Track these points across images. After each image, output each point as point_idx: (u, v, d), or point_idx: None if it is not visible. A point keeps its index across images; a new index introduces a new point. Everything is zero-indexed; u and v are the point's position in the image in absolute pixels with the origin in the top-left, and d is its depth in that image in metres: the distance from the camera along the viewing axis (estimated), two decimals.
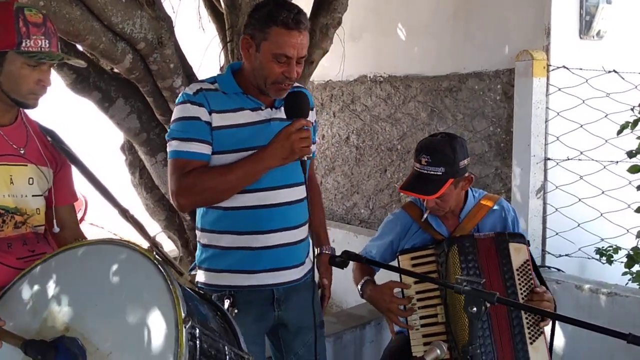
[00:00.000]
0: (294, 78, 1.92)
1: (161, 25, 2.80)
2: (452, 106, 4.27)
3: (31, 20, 1.66)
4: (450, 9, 4.22)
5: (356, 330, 3.21)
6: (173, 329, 1.37)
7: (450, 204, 2.34)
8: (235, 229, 2.01)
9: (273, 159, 1.87)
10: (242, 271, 2.02)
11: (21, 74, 1.68)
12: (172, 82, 2.95)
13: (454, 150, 2.26)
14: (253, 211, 1.99)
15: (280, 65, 1.89)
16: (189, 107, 1.93)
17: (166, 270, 1.47)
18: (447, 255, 2.25)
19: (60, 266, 1.60)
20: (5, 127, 1.76)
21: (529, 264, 2.25)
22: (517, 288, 2.22)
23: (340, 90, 5.18)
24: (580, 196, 3.63)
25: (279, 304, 2.09)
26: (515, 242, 2.27)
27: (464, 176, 2.32)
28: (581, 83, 3.58)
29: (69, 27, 2.40)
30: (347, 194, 5.25)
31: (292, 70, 1.90)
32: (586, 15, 3.77)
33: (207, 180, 1.89)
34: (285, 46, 1.86)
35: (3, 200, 1.71)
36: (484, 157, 4.07)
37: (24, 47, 1.65)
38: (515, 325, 2.21)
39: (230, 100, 1.97)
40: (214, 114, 1.93)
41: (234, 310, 1.96)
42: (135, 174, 3.82)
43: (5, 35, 1.64)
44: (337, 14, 3.33)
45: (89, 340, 1.43)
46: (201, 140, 1.92)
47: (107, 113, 3.28)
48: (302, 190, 2.07)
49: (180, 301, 1.40)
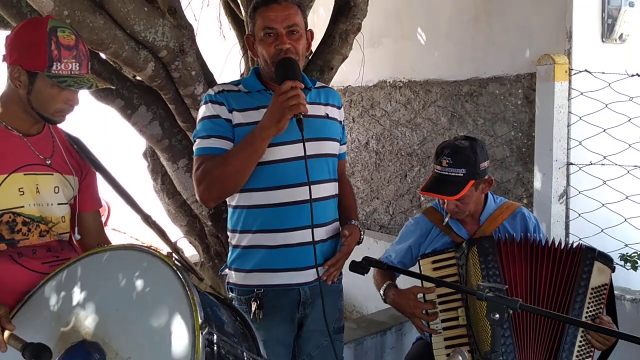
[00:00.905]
0: (286, 49, 1.92)
1: (183, 33, 2.83)
2: (473, 111, 4.25)
3: (64, 43, 1.69)
4: (471, 13, 4.21)
5: (377, 337, 3.20)
6: (190, 334, 1.37)
7: (470, 206, 2.33)
8: (262, 227, 2.00)
9: (267, 127, 1.84)
10: (269, 270, 2.01)
11: (50, 93, 1.71)
12: (194, 89, 2.97)
13: (475, 152, 2.27)
14: (279, 209, 1.98)
15: (270, 41, 1.93)
16: (210, 107, 1.98)
17: (184, 276, 1.48)
18: (467, 257, 2.24)
19: (83, 271, 1.62)
20: (32, 137, 1.79)
21: (606, 288, 2.19)
22: (584, 305, 2.16)
23: (360, 95, 5.18)
24: (604, 201, 3.58)
25: (305, 306, 2.07)
26: (600, 262, 2.20)
27: (484, 178, 2.33)
28: (604, 87, 3.54)
29: (92, 36, 2.44)
30: (366, 199, 5.24)
31: (282, 39, 1.92)
32: (608, 19, 3.73)
33: (216, 166, 1.90)
34: (267, 20, 1.92)
35: (29, 209, 1.74)
36: (505, 162, 4.04)
37: (55, 70, 1.68)
38: (566, 339, 2.15)
39: (252, 99, 2.00)
40: (234, 112, 1.96)
41: (261, 313, 1.99)
42: (157, 180, 3.86)
43: (38, 57, 1.67)
44: (356, 20, 3.33)
45: (109, 344, 1.44)
46: (220, 136, 1.95)
47: (130, 120, 3.32)
48: (328, 188, 2.06)
49: (198, 307, 1.40)
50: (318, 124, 2.05)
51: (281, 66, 1.90)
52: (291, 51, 1.93)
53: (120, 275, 1.56)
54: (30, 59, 1.68)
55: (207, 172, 1.92)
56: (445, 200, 2.31)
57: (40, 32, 1.67)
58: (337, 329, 2.20)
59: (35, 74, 1.69)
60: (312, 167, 1.94)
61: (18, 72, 1.69)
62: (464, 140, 2.33)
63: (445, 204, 2.33)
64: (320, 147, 2.03)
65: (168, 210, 3.89)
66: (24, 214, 1.73)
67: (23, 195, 1.73)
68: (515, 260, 2.22)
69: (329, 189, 2.08)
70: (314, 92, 2.13)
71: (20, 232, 1.73)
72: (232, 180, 1.92)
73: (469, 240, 2.30)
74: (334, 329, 2.16)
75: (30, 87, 1.70)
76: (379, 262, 2.03)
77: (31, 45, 1.67)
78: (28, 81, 1.70)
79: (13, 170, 1.72)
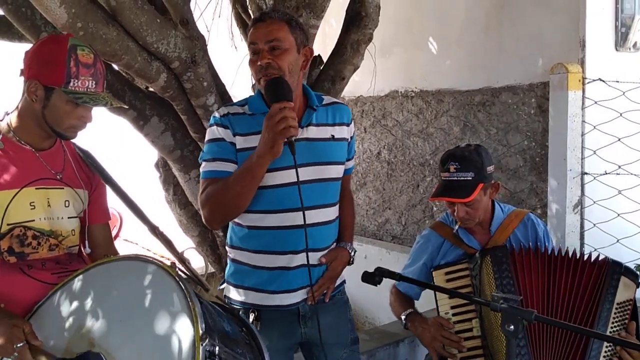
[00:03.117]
0: (265, 64, 1.89)
1: (195, 44, 2.84)
2: (486, 120, 4.23)
3: (82, 61, 1.72)
4: (483, 22, 4.20)
5: (390, 348, 3.17)
6: (190, 346, 1.39)
7: (479, 212, 2.33)
8: (259, 248, 2.02)
9: (262, 154, 1.83)
10: (263, 290, 2.03)
11: (65, 109, 1.74)
12: (206, 100, 2.98)
13: (480, 156, 2.30)
14: (279, 231, 1.99)
15: (254, 60, 1.94)
16: (215, 130, 1.99)
17: (186, 287, 1.49)
18: (480, 267, 2.24)
19: (88, 283, 1.64)
20: (44, 152, 1.81)
21: (630, 303, 2.18)
22: (609, 321, 2.14)
23: (371, 105, 5.18)
24: (619, 211, 3.53)
25: (305, 321, 2.08)
26: (628, 278, 2.19)
27: (491, 182, 2.34)
28: (618, 96, 3.51)
29: (105, 47, 2.45)
30: (378, 210, 5.22)
31: (262, 56, 1.90)
32: (622, 27, 3.70)
33: (217, 190, 1.91)
34: (251, 37, 1.95)
35: (39, 223, 1.76)
36: (518, 171, 4.01)
37: (71, 87, 1.71)
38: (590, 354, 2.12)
39: (255, 122, 1.96)
40: (237, 136, 1.97)
41: (258, 324, 2.01)
42: (169, 191, 3.87)
43: (56, 73, 1.70)
44: (368, 30, 3.33)
45: (112, 356, 1.46)
46: (224, 159, 1.96)
47: (142, 131, 3.33)
48: (332, 212, 2.07)
49: (199, 318, 1.41)
50: (321, 147, 2.04)
51: (269, 87, 1.88)
52: (272, 66, 1.89)
53: (124, 286, 1.58)
54: (48, 74, 1.70)
55: (209, 196, 1.93)
56: (456, 207, 2.31)
57: (61, 48, 1.71)
58: (352, 340, 2.21)
59: (51, 89, 1.71)
60: (311, 191, 1.97)
61: (35, 86, 1.72)
62: (468, 146, 2.37)
63: (456, 211, 2.32)
64: (321, 171, 2.02)
65: (180, 221, 3.89)
66: (35, 228, 1.75)
67: (34, 209, 1.75)
68: (531, 270, 2.21)
69: (329, 213, 2.07)
70: (321, 110, 2.08)
71: (30, 246, 1.74)
72: (233, 204, 1.93)
73: (482, 250, 2.30)
74: (350, 339, 2.19)
75: (45, 101, 1.73)
76: (392, 272, 2.01)
77: (50, 61, 1.70)
78: (44, 96, 1.72)
79: (25, 185, 1.74)
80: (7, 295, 1.68)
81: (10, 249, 1.71)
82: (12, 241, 1.71)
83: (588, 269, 2.19)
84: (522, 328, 1.68)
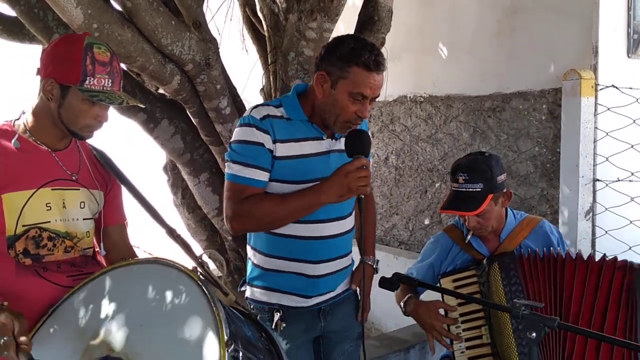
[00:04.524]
0: (365, 117, 1.92)
1: (209, 46, 2.83)
2: (496, 126, 4.21)
3: (99, 59, 1.70)
4: (494, 28, 4.18)
5: (400, 354, 3.15)
6: (215, 352, 1.35)
7: (492, 222, 2.30)
8: (285, 255, 2.03)
9: (329, 196, 1.83)
10: (290, 293, 2.05)
11: (81, 108, 1.71)
12: (219, 103, 2.97)
13: (490, 166, 2.25)
14: (302, 241, 2.01)
15: (355, 104, 1.88)
16: (255, 132, 1.92)
17: (209, 292, 1.46)
18: (488, 274, 2.22)
19: (107, 285, 1.61)
20: (60, 152, 1.79)
21: None
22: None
23: (379, 110, 5.17)
24: (632, 218, 3.51)
25: (325, 315, 2.12)
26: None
27: (502, 191, 2.30)
28: (631, 102, 3.49)
29: (120, 49, 2.45)
30: (386, 215, 5.20)
31: (365, 110, 1.89)
32: (634, 34, 3.69)
33: (262, 209, 1.89)
34: (364, 86, 1.85)
35: (55, 224, 1.73)
36: (529, 178, 3.99)
37: (87, 85, 1.68)
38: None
39: (294, 129, 1.96)
40: (277, 143, 1.93)
41: (282, 324, 2.02)
42: (178, 194, 3.85)
43: (72, 71, 1.67)
44: (380, 34, 3.32)
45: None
46: (261, 168, 1.92)
47: (152, 134, 3.32)
48: (350, 222, 2.11)
49: (223, 324, 1.38)
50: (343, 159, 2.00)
51: (355, 138, 1.88)
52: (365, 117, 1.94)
53: (144, 289, 1.55)
54: (64, 72, 1.68)
55: (250, 210, 1.90)
56: (467, 217, 2.29)
57: (77, 46, 1.68)
58: (358, 334, 2.24)
59: (67, 87, 1.69)
60: (340, 204, 1.97)
61: (51, 84, 1.69)
62: (478, 156, 2.32)
63: (467, 221, 2.30)
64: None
65: (188, 225, 3.87)
66: (50, 229, 1.72)
67: (50, 210, 1.72)
68: (539, 276, 2.18)
69: (346, 224, 2.11)
70: None
71: (45, 247, 1.72)
72: (274, 225, 1.96)
73: (489, 257, 2.28)
74: (357, 333, 2.23)
75: (61, 100, 1.70)
76: (410, 278, 2.00)
77: (67, 59, 1.68)
78: (60, 94, 1.70)
79: (41, 185, 1.72)
80: (22, 298, 1.64)
81: (25, 251, 1.68)
82: (27, 243, 1.68)
83: (605, 272, 2.11)
84: (543, 335, 1.66)
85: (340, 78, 1.87)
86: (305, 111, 1.98)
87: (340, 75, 1.87)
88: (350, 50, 1.87)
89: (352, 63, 1.85)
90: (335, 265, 2.08)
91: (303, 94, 2.01)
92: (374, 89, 1.88)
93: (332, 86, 1.89)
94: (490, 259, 2.25)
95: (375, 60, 1.86)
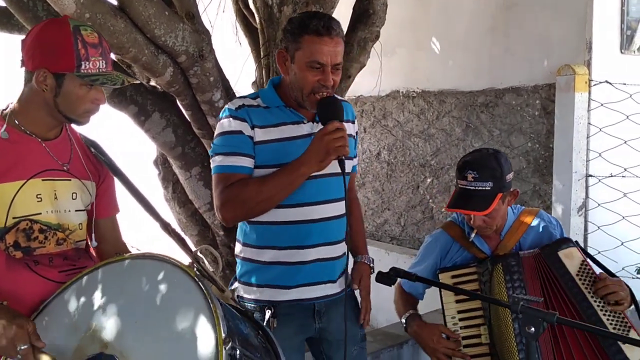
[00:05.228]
0: (329, 86, 1.90)
1: (202, 38, 2.79)
2: (488, 122, 4.21)
3: (89, 41, 1.65)
4: (488, 23, 4.18)
5: (394, 350, 3.13)
6: (213, 349, 1.33)
7: (497, 221, 2.25)
8: (276, 244, 2.00)
9: (309, 164, 1.85)
10: (281, 286, 2.02)
11: (79, 94, 1.67)
12: (212, 96, 2.93)
13: (500, 164, 2.18)
14: (293, 226, 1.98)
15: (314, 73, 1.88)
16: (232, 122, 1.93)
17: (206, 288, 1.44)
18: (491, 274, 2.18)
19: (101, 281, 1.57)
20: (50, 142, 1.74)
21: (586, 264, 2.16)
22: (585, 294, 2.11)
23: (372, 105, 5.15)
24: (624, 214, 3.53)
25: (320, 316, 2.07)
26: (562, 249, 2.17)
27: (510, 191, 2.25)
28: (625, 98, 3.51)
29: (113, 39, 2.40)
30: (377, 211, 5.19)
31: (327, 77, 1.89)
32: (627, 30, 3.70)
33: (248, 191, 1.88)
34: (318, 53, 1.86)
35: (46, 216, 1.69)
36: (521, 173, 3.99)
37: (84, 69, 1.63)
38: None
39: (272, 115, 1.97)
40: (256, 128, 1.94)
41: (274, 322, 1.98)
42: (169, 189, 3.81)
43: (65, 58, 1.62)
44: (375, 27, 3.30)
45: (127, 358, 1.40)
46: (243, 154, 1.92)
47: (143, 127, 3.28)
48: (342, 206, 2.05)
49: (221, 321, 1.36)
50: None
51: (327, 105, 1.89)
52: (333, 86, 1.92)
53: (139, 285, 1.52)
54: (57, 61, 1.63)
55: (236, 194, 1.89)
56: (473, 216, 2.22)
57: (64, 32, 1.62)
58: (361, 337, 2.20)
59: (62, 75, 1.64)
60: (327, 185, 1.98)
61: (44, 75, 1.64)
62: (487, 153, 2.26)
63: (472, 220, 2.23)
64: (333, 166, 1.98)
65: (179, 220, 3.83)
66: (41, 221, 1.67)
67: (41, 201, 1.68)
68: (543, 273, 2.18)
69: (339, 207, 2.07)
70: None
71: (37, 240, 1.67)
72: (262, 206, 1.92)
73: (493, 258, 2.23)
74: (360, 336, 2.19)
75: (57, 89, 1.65)
76: (407, 272, 1.97)
77: (57, 47, 1.62)
78: (55, 84, 1.65)
79: (31, 176, 1.67)
80: (12, 293, 1.60)
81: (15, 244, 1.63)
82: (17, 235, 1.63)
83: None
84: (542, 330, 1.65)
85: (296, 50, 1.89)
86: (282, 98, 2.00)
87: (296, 48, 1.89)
88: (300, 21, 1.90)
89: (303, 33, 1.88)
90: (326, 251, 2.02)
91: (279, 84, 2.04)
92: (330, 55, 1.88)
93: (292, 61, 1.91)
94: (493, 260, 2.20)
95: (325, 25, 1.87)
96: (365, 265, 2.19)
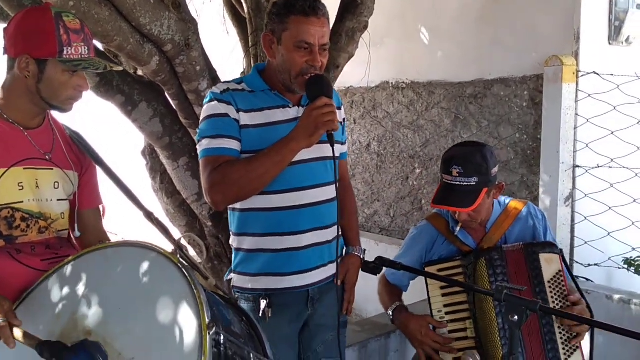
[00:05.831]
0: (318, 67, 1.90)
1: (188, 27, 2.77)
2: (477, 113, 4.21)
3: (71, 27, 1.64)
4: (476, 14, 4.17)
5: (381, 339, 3.13)
6: (197, 335, 1.33)
7: (482, 215, 2.25)
8: (266, 230, 1.98)
9: (299, 139, 1.84)
10: (274, 274, 2.00)
11: (61, 80, 1.66)
12: (198, 85, 2.91)
13: (486, 159, 2.16)
14: (283, 212, 1.96)
15: (302, 54, 1.88)
16: (217, 105, 1.92)
17: (190, 275, 1.43)
18: (474, 268, 2.17)
19: (84, 269, 1.56)
20: (32, 131, 1.73)
21: (562, 274, 2.16)
22: (549, 301, 2.13)
23: (361, 96, 5.14)
24: (611, 204, 3.55)
25: (313, 303, 2.07)
26: (545, 253, 2.17)
27: (495, 184, 2.23)
28: (612, 89, 3.51)
29: (97, 27, 2.38)
30: (367, 202, 5.19)
31: (316, 57, 1.88)
32: (615, 21, 3.71)
33: (236, 171, 1.86)
34: (305, 33, 1.86)
35: (28, 204, 1.68)
36: (509, 164, 4.00)
37: (66, 55, 1.63)
38: (548, 341, 2.12)
39: (257, 99, 1.96)
40: (241, 112, 1.92)
41: (269, 312, 1.97)
42: (156, 179, 3.79)
43: (47, 44, 1.62)
44: (363, 17, 3.28)
45: (111, 344, 1.39)
46: (230, 137, 1.90)
47: (130, 117, 3.25)
48: (331, 190, 2.03)
49: (205, 306, 1.36)
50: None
51: (316, 83, 1.88)
52: (321, 68, 1.92)
53: (122, 272, 1.51)
54: (39, 47, 1.62)
55: (225, 175, 1.87)
56: (457, 211, 2.22)
57: (46, 18, 1.62)
58: (342, 323, 2.20)
59: (44, 61, 1.64)
60: (316, 170, 1.98)
61: (26, 61, 1.63)
62: (473, 147, 2.24)
63: (457, 214, 2.23)
64: (322, 150, 2.00)
65: (167, 210, 3.81)
66: (23, 210, 1.67)
67: (22, 190, 1.67)
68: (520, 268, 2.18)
69: (330, 191, 2.05)
70: None
71: (18, 228, 1.67)
72: (252, 186, 1.89)
73: (477, 252, 2.23)
74: (342, 323, 2.18)
75: (40, 75, 1.65)
76: (393, 262, 1.97)
77: (39, 33, 1.62)
78: (37, 70, 1.64)
79: (13, 164, 1.66)
80: None
81: None
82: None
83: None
84: (525, 318, 1.66)
85: (283, 32, 1.90)
86: (267, 83, 1.99)
87: (282, 29, 1.89)
88: (286, 2, 1.90)
89: (289, 13, 1.88)
90: (319, 235, 2.01)
91: (263, 70, 2.04)
92: (317, 35, 1.88)
93: (279, 43, 1.91)
94: (477, 254, 2.20)
95: (311, 5, 1.87)
96: (356, 257, 2.18)
